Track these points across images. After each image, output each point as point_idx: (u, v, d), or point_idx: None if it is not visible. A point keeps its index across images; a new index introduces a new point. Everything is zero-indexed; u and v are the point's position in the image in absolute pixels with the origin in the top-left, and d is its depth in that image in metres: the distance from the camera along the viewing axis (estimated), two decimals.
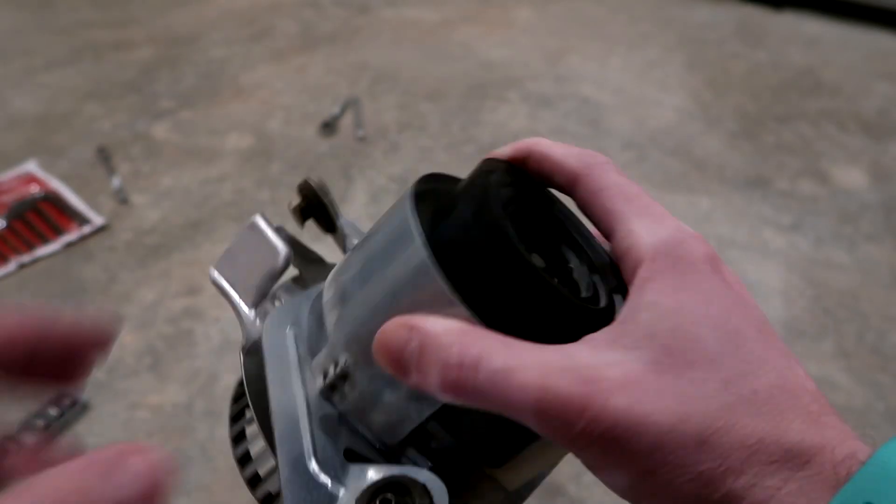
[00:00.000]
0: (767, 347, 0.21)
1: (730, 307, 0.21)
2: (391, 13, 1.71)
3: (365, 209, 1.03)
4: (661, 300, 0.21)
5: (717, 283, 0.22)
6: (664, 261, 0.22)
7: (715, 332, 0.21)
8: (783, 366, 0.21)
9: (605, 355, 0.21)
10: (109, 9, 1.69)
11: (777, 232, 1.01)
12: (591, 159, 0.26)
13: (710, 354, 0.20)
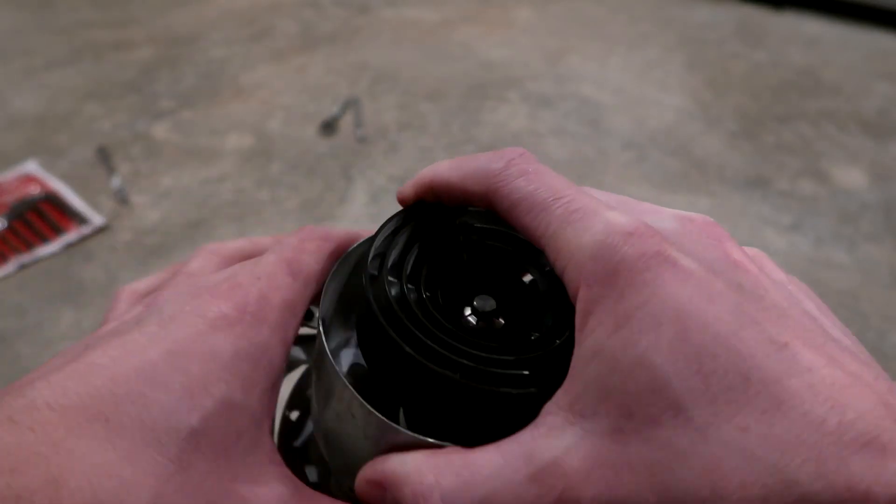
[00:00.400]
0: (753, 351, 0.16)
1: (686, 320, 0.17)
2: (391, 13, 1.71)
3: (365, 209, 1.03)
4: (607, 343, 0.18)
5: (668, 291, 0.17)
6: (598, 284, 0.18)
7: (674, 364, 0.16)
8: (777, 372, 0.16)
9: (563, 438, 0.18)
10: (109, 9, 1.69)
11: (777, 232, 1.01)
12: (490, 171, 0.22)
13: (674, 399, 0.16)
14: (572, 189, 0.20)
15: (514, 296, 0.24)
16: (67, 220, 0.99)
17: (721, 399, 0.16)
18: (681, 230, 0.21)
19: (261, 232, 0.98)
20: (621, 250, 0.18)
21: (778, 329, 0.17)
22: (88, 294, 0.87)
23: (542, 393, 0.20)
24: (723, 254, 0.20)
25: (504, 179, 0.21)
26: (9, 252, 0.93)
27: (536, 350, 0.22)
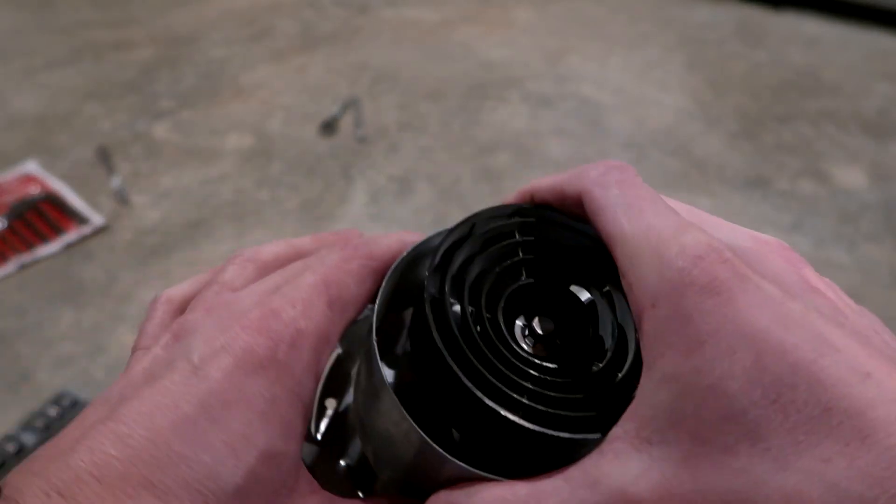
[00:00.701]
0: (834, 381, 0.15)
1: (762, 346, 0.16)
2: (391, 13, 1.71)
3: (365, 209, 1.03)
4: (678, 368, 0.17)
5: (742, 316, 0.16)
6: (667, 306, 0.18)
7: (750, 393, 0.16)
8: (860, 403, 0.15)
9: (631, 466, 0.18)
10: (109, 9, 1.69)
11: (777, 232, 1.01)
12: (586, 175, 0.22)
13: (750, 428, 0.16)
14: (656, 205, 0.21)
15: (572, 315, 0.24)
16: (67, 220, 0.99)
17: (801, 430, 0.15)
18: (757, 250, 0.20)
19: (261, 232, 0.98)
20: (692, 273, 0.17)
21: (860, 357, 0.16)
22: (88, 294, 0.87)
23: (606, 432, 0.19)
24: (800, 277, 0.19)
25: (597, 185, 0.21)
26: (9, 252, 0.93)
27: (600, 385, 0.21)
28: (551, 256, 0.24)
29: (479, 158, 1.15)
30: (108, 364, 0.78)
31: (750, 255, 0.19)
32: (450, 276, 0.23)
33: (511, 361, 0.21)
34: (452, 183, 1.09)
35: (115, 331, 0.82)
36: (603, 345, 0.23)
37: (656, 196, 0.21)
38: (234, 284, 0.26)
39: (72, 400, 0.72)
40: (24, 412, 0.72)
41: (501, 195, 1.06)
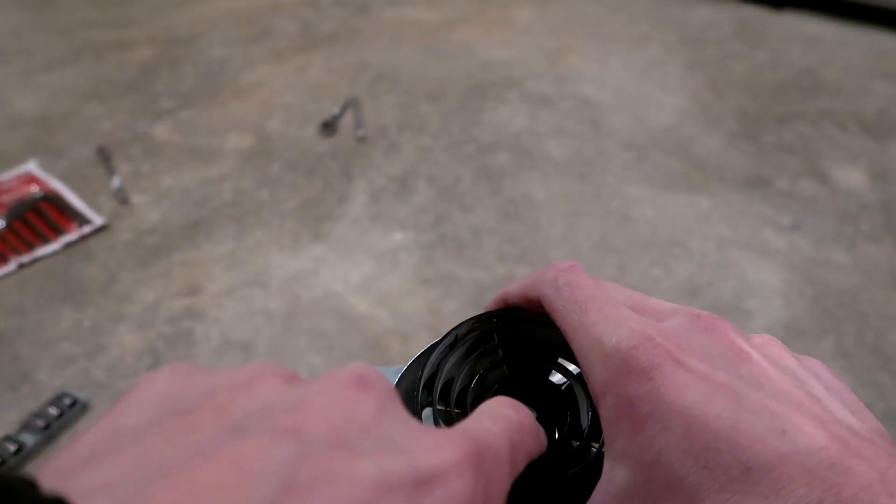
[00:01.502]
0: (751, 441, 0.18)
1: (690, 420, 0.19)
2: (391, 13, 1.71)
3: (365, 209, 1.03)
4: (627, 447, 0.20)
5: (671, 397, 0.19)
6: (614, 395, 0.21)
7: (684, 461, 0.19)
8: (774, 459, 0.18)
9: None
10: (109, 9, 1.69)
11: (777, 232, 1.01)
12: (541, 281, 0.25)
13: (688, 492, 0.19)
14: (597, 302, 0.23)
15: (552, 401, 0.27)
16: (67, 220, 0.99)
17: (728, 489, 0.18)
18: (689, 326, 0.23)
19: (261, 232, 0.98)
20: (629, 363, 0.20)
21: (776, 416, 0.18)
22: (88, 294, 0.87)
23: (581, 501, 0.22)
24: (728, 345, 0.22)
25: (550, 287, 0.25)
26: (9, 252, 0.93)
27: (576, 462, 0.24)
28: (528, 351, 0.28)
29: (479, 158, 1.15)
30: (108, 364, 0.78)
31: (682, 335, 0.22)
32: (439, 385, 0.26)
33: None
34: (452, 183, 1.09)
35: (115, 331, 0.82)
36: (579, 424, 0.26)
37: (600, 292, 0.24)
38: None
39: (72, 400, 0.72)
40: (24, 412, 0.72)
41: (501, 195, 1.06)
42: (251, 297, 0.87)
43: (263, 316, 0.84)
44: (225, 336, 0.81)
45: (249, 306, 0.85)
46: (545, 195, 1.07)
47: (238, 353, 0.79)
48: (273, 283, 0.89)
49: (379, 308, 0.85)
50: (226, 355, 0.79)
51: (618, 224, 1.01)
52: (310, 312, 0.85)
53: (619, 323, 0.22)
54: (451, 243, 0.96)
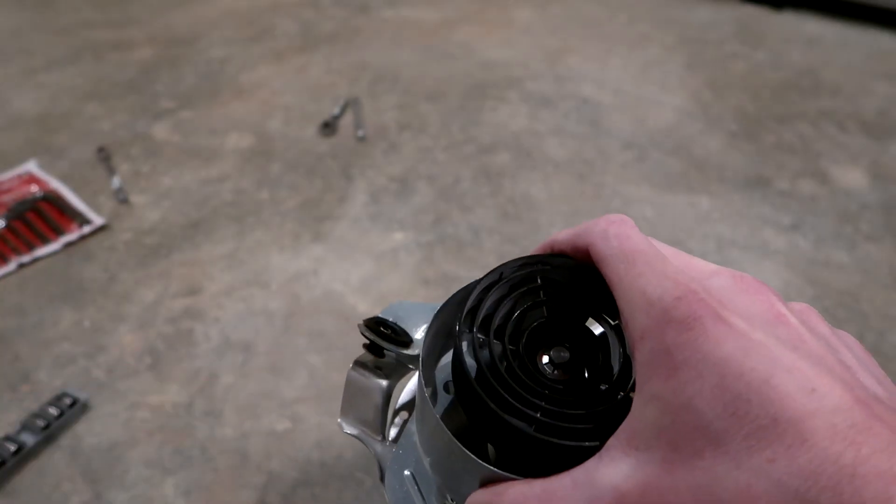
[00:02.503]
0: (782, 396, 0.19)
1: (724, 370, 0.20)
2: (391, 13, 1.71)
3: (365, 209, 1.03)
4: (659, 391, 0.21)
5: (709, 347, 0.20)
6: (654, 336, 0.22)
7: (714, 407, 0.20)
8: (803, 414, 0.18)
9: (622, 467, 0.22)
10: (109, 9, 1.69)
11: (777, 232, 1.01)
12: (591, 230, 0.27)
13: (713, 436, 0.20)
14: (646, 255, 0.24)
15: (587, 346, 0.28)
16: (67, 220, 0.99)
17: (753, 436, 0.19)
18: (732, 286, 0.24)
19: (261, 232, 0.98)
20: (671, 313, 0.22)
21: (808, 376, 0.19)
22: (88, 294, 0.87)
23: (604, 441, 0.24)
24: (767, 307, 0.23)
25: (599, 238, 0.26)
26: (9, 252, 0.93)
27: (603, 403, 0.26)
28: (569, 296, 0.29)
29: (479, 158, 1.15)
30: (108, 364, 0.78)
31: (724, 293, 0.23)
32: (481, 316, 0.28)
33: (528, 384, 0.26)
34: (452, 183, 1.09)
35: (115, 331, 0.82)
36: (611, 370, 0.27)
37: (648, 246, 0.25)
38: None
39: (72, 400, 0.72)
40: (24, 412, 0.72)
41: (501, 195, 1.06)
42: (251, 297, 0.87)
43: (263, 316, 0.84)
44: (225, 336, 0.81)
45: (249, 306, 0.85)
46: (545, 195, 1.07)
47: (238, 352, 0.79)
48: (273, 283, 0.89)
49: (379, 308, 0.85)
50: (226, 355, 0.79)
51: None
52: (310, 312, 0.85)
53: (664, 276, 0.23)
54: (451, 243, 0.96)
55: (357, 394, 0.37)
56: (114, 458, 0.68)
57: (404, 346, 0.36)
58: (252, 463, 0.68)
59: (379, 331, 0.36)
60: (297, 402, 0.73)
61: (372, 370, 0.37)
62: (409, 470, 0.33)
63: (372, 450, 0.36)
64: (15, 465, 0.67)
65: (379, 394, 0.36)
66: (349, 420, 0.37)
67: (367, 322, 0.36)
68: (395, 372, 0.37)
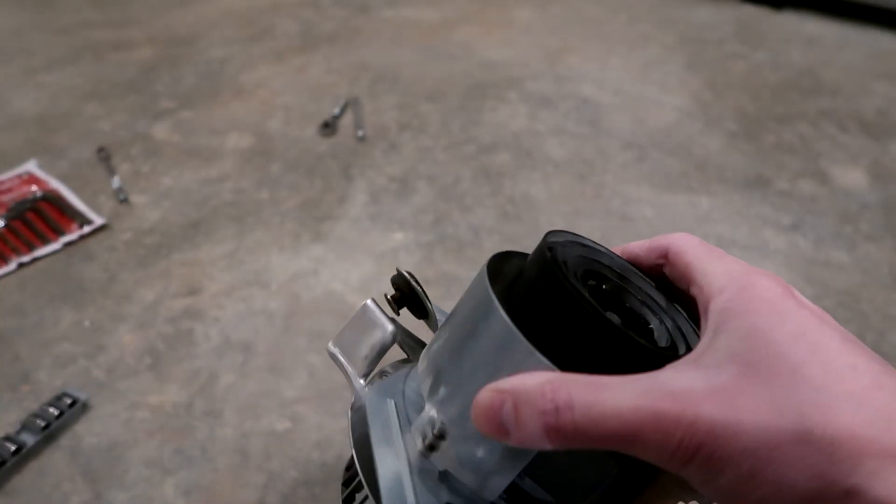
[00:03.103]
0: (855, 353, 0.22)
1: (805, 324, 0.22)
2: (391, 13, 1.71)
3: (365, 209, 1.03)
4: (737, 324, 0.23)
5: (790, 305, 0.23)
6: (734, 290, 0.24)
7: (794, 345, 0.21)
8: (876, 370, 0.21)
9: (687, 376, 0.22)
10: (109, 9, 1.69)
11: (777, 232, 1.01)
12: (666, 236, 0.30)
13: (793, 364, 0.21)
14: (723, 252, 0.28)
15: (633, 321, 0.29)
16: (67, 220, 0.99)
17: (828, 374, 0.21)
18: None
19: (261, 232, 0.98)
20: (759, 279, 0.24)
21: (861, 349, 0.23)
22: (88, 294, 0.87)
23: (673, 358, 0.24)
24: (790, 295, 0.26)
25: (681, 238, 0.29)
26: (9, 252, 0.93)
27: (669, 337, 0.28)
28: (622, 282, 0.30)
29: (478, 158, 1.15)
30: (108, 364, 0.78)
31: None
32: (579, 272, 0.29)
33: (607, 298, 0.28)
34: (452, 183, 1.09)
35: (115, 331, 0.82)
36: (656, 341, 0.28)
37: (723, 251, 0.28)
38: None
39: (72, 400, 0.72)
40: (24, 412, 0.72)
41: (501, 195, 1.06)
42: (251, 297, 0.87)
43: (263, 316, 0.84)
44: (225, 336, 0.81)
45: (249, 306, 0.85)
46: (545, 195, 1.07)
47: (238, 352, 0.79)
48: (273, 283, 0.89)
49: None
50: (226, 355, 0.79)
51: (618, 224, 1.01)
52: (310, 312, 0.85)
53: (740, 263, 0.26)
54: (451, 243, 0.96)
55: (362, 325, 0.36)
56: (114, 458, 0.68)
57: (422, 316, 0.36)
58: (252, 463, 0.68)
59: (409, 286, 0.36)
60: (297, 402, 0.73)
61: (390, 310, 0.37)
62: (393, 399, 0.32)
63: (349, 380, 0.35)
64: (15, 465, 0.66)
65: (382, 334, 0.36)
66: (338, 348, 0.36)
67: (397, 280, 0.36)
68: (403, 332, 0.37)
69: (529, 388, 0.22)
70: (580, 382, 0.22)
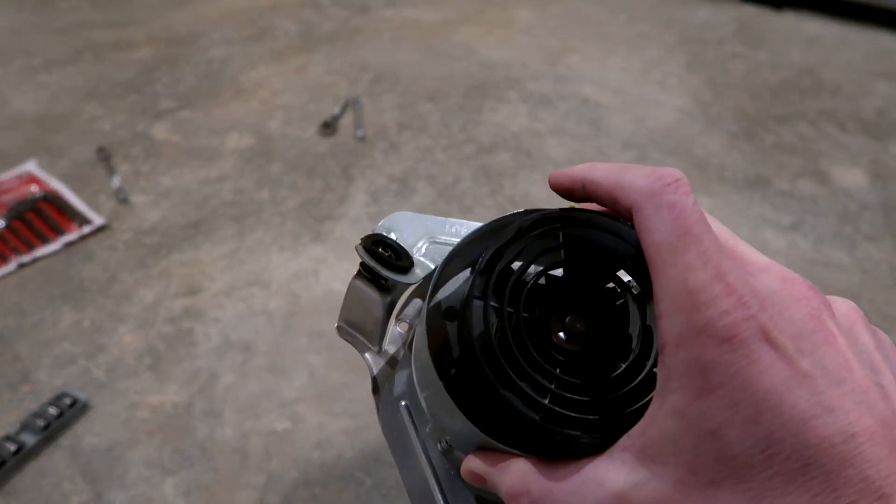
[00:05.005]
0: (819, 440, 0.18)
1: (762, 404, 0.18)
2: (391, 13, 1.71)
3: (365, 209, 1.03)
4: (686, 407, 0.19)
5: (750, 374, 0.19)
6: (688, 351, 0.19)
7: (743, 442, 0.18)
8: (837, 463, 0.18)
9: (634, 475, 0.21)
10: (109, 9, 1.69)
11: (777, 232, 1.01)
12: (641, 189, 0.22)
13: (736, 470, 0.19)
14: (700, 243, 0.20)
15: (606, 313, 0.26)
16: (67, 220, 0.99)
17: (779, 478, 0.18)
18: (781, 290, 0.21)
19: (261, 232, 0.98)
20: (716, 326, 0.19)
21: (850, 418, 0.18)
22: (88, 294, 0.87)
23: (611, 436, 0.22)
24: (817, 324, 0.20)
25: (649, 202, 0.22)
26: (9, 252, 0.93)
27: (618, 388, 0.24)
28: (592, 259, 0.26)
29: (478, 158, 1.15)
30: (108, 364, 0.78)
31: (774, 301, 0.21)
32: (494, 277, 0.25)
33: (539, 363, 0.24)
34: (452, 183, 1.09)
35: (115, 331, 0.82)
36: (630, 344, 0.25)
37: (705, 228, 0.21)
38: None
39: (72, 400, 0.72)
40: (24, 412, 0.72)
41: (501, 195, 1.06)
42: (251, 297, 0.87)
43: (263, 316, 0.84)
44: (225, 336, 0.81)
45: (249, 306, 0.85)
46: (545, 195, 1.07)
47: (238, 352, 0.79)
48: (273, 283, 0.89)
49: None
50: (226, 355, 0.79)
51: None
52: (310, 312, 0.85)
53: (716, 275, 0.20)
54: None
55: (357, 303, 0.35)
56: (114, 458, 0.68)
57: (404, 271, 0.33)
58: (252, 463, 0.68)
59: (377, 253, 0.32)
60: (297, 402, 0.73)
61: (375, 282, 0.34)
62: (406, 401, 0.32)
63: (365, 360, 0.35)
64: (15, 465, 0.66)
65: (379, 307, 0.34)
66: (345, 326, 0.35)
67: (365, 242, 0.33)
68: (400, 286, 0.35)
69: (497, 483, 0.24)
70: (538, 483, 0.23)
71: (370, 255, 0.33)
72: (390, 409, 0.31)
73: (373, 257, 0.33)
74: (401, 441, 0.30)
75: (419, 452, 0.30)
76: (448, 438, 0.29)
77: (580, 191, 0.25)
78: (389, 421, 0.31)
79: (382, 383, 0.33)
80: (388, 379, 0.33)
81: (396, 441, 0.31)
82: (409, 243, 0.35)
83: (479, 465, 0.25)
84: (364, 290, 0.34)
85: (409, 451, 0.30)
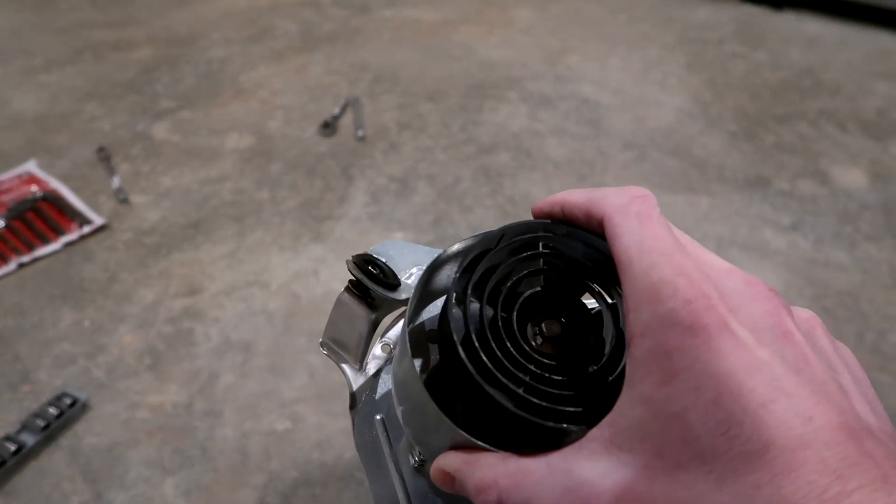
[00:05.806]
0: (778, 422, 0.19)
1: (723, 388, 0.19)
2: (391, 13, 1.71)
3: (365, 209, 1.03)
4: (652, 394, 0.20)
5: (711, 360, 0.19)
6: (653, 340, 0.21)
7: (705, 423, 0.19)
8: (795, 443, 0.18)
9: (599, 464, 0.21)
10: (109, 9, 1.69)
11: (777, 232, 1.01)
12: (610, 203, 0.25)
13: (700, 452, 0.19)
14: (664, 243, 0.22)
15: (581, 321, 0.27)
16: (67, 220, 0.99)
17: (740, 459, 0.19)
18: (744, 291, 0.23)
19: (261, 232, 0.98)
20: (679, 314, 0.20)
21: (807, 404, 0.19)
22: (88, 294, 0.87)
23: (587, 424, 0.23)
24: (776, 320, 0.22)
25: (618, 212, 0.24)
26: (9, 252, 0.93)
27: (591, 386, 0.25)
28: (568, 268, 0.27)
29: (478, 158, 1.15)
30: (108, 364, 0.78)
31: (736, 298, 0.22)
32: (474, 279, 0.26)
33: (514, 356, 0.25)
34: (452, 183, 1.09)
35: (115, 331, 0.82)
36: (603, 349, 0.26)
37: (668, 233, 0.23)
38: None
39: (72, 400, 0.72)
40: (24, 412, 0.72)
41: (501, 195, 1.06)
42: (251, 297, 0.87)
43: (263, 316, 0.84)
44: (225, 336, 0.81)
45: (249, 306, 0.85)
46: (545, 195, 1.07)
47: (238, 352, 0.79)
48: (273, 283, 0.89)
49: None
50: (226, 355, 0.79)
51: None
52: (310, 312, 0.85)
53: (679, 271, 0.21)
54: (451, 243, 0.96)
55: (343, 318, 0.36)
56: (114, 458, 0.68)
57: (391, 288, 0.35)
58: (252, 463, 0.68)
59: (367, 269, 0.34)
60: (297, 402, 0.74)
61: (363, 298, 0.36)
62: (381, 415, 0.32)
63: (345, 375, 0.35)
64: (15, 465, 0.67)
65: (364, 323, 0.35)
66: (329, 341, 0.36)
67: (356, 259, 0.35)
68: (386, 304, 0.36)
69: (466, 480, 0.24)
70: (501, 472, 0.23)
71: (360, 270, 0.34)
72: (366, 424, 0.32)
73: (362, 273, 0.34)
74: (374, 455, 0.31)
75: (391, 468, 0.30)
76: (421, 451, 0.29)
77: (558, 214, 0.28)
78: (364, 435, 0.32)
79: (360, 399, 0.34)
80: (366, 395, 0.34)
81: (370, 455, 0.31)
82: (399, 268, 0.36)
83: (450, 462, 0.25)
84: (351, 305, 0.35)
85: (381, 465, 0.31)
